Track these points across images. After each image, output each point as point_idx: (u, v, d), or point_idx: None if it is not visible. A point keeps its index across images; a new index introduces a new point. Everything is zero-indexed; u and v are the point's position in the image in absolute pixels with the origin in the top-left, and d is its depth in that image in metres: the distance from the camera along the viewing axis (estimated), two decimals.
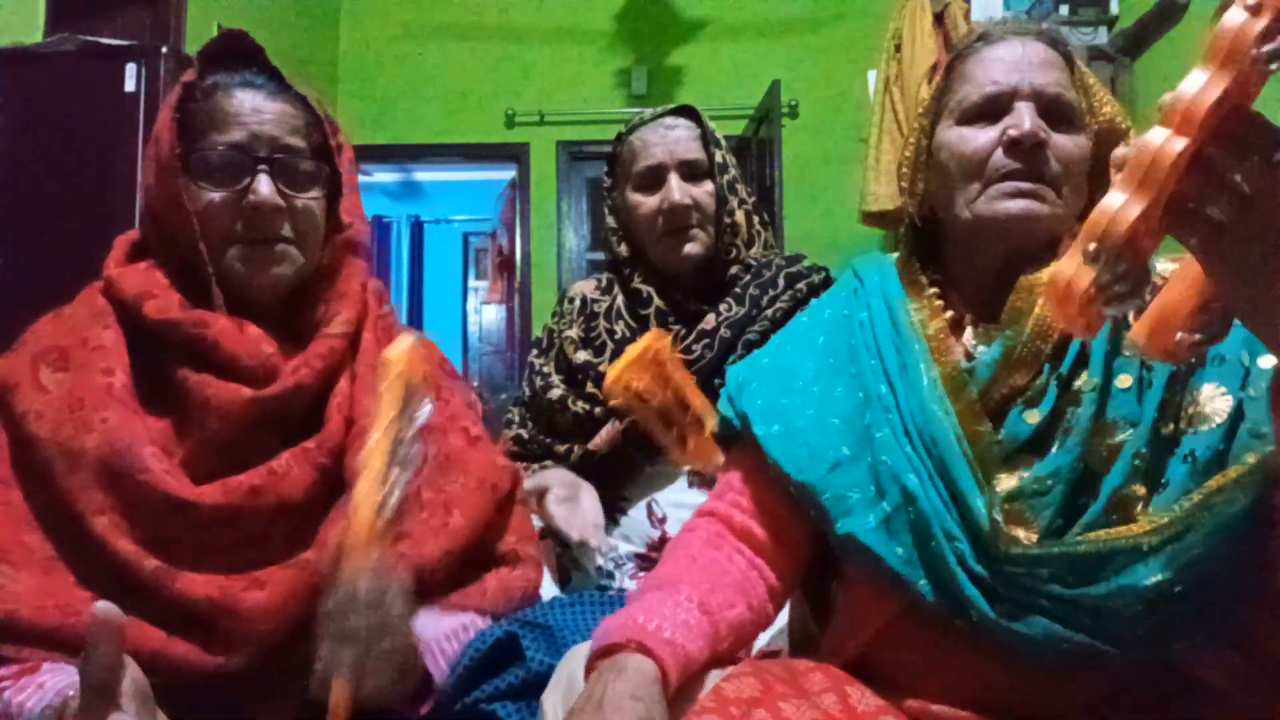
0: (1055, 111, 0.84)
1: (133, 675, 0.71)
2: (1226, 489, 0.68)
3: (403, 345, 0.81)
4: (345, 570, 0.75)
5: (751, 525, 0.90)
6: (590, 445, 1.34)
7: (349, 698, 0.74)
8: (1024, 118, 0.82)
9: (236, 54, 0.97)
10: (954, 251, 0.90)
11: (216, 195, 0.91)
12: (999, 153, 0.83)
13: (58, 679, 0.77)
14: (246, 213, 0.91)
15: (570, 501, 1.27)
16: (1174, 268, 0.61)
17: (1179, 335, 0.57)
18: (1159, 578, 0.68)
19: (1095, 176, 0.85)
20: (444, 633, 0.90)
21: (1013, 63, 0.85)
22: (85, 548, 0.83)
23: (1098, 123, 0.85)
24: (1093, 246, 0.52)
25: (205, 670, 0.82)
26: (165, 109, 0.93)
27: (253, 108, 0.93)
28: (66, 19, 2.76)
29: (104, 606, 0.67)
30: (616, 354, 1.37)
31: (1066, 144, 0.83)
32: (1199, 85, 0.50)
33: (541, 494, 1.26)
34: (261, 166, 0.91)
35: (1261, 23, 0.49)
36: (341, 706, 0.73)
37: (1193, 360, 0.75)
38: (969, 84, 0.87)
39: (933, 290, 0.89)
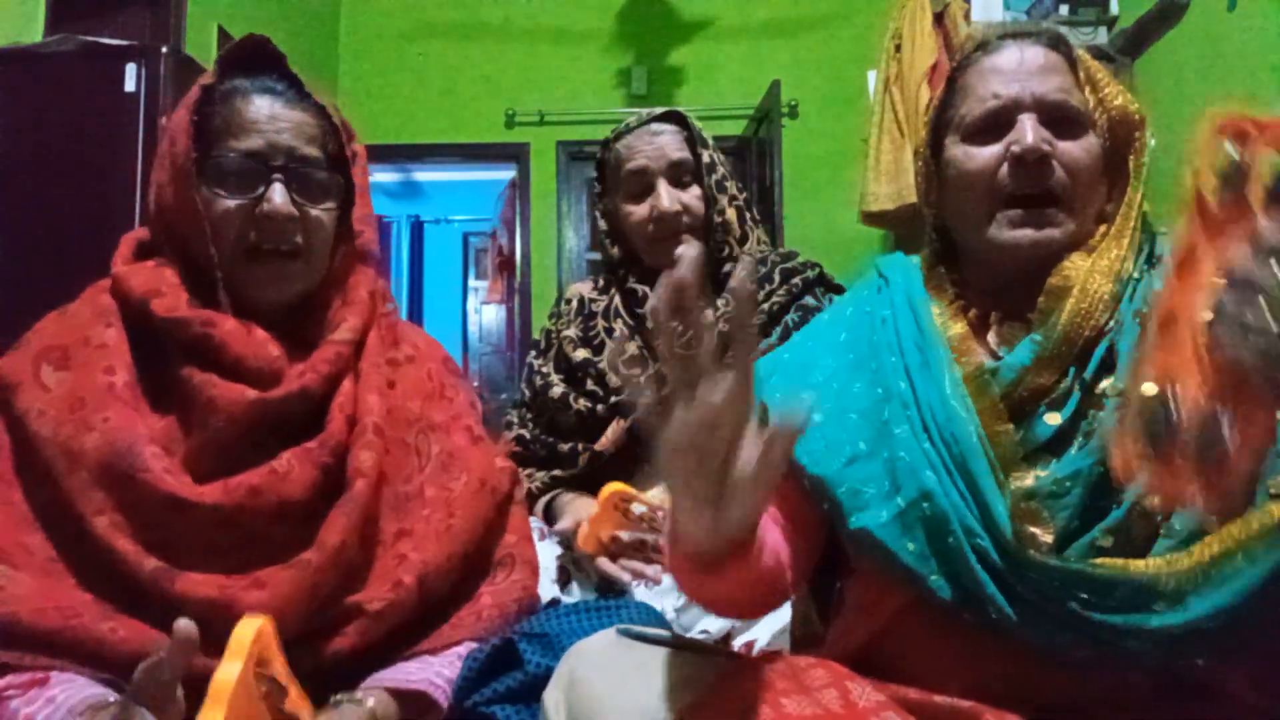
0: (1060, 118, 0.83)
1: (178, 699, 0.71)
2: (1253, 541, 0.67)
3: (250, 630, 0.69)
4: None
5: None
6: (597, 446, 1.34)
7: None
8: (1027, 132, 0.81)
9: (257, 59, 0.97)
10: (971, 258, 0.90)
11: (230, 202, 0.91)
12: (1004, 169, 0.82)
13: (69, 693, 0.76)
14: (259, 221, 0.91)
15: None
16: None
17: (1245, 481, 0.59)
18: (1172, 621, 0.68)
19: (1113, 170, 0.85)
20: (441, 664, 0.91)
21: (1012, 73, 0.84)
22: (85, 548, 0.83)
23: (1109, 115, 0.84)
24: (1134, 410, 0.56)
25: (206, 672, 0.82)
26: (183, 110, 0.92)
27: (270, 115, 0.92)
28: (66, 19, 2.76)
29: (185, 625, 0.66)
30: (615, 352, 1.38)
31: (1074, 150, 0.82)
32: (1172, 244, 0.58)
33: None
34: (276, 175, 0.91)
35: (1194, 176, 0.56)
36: None
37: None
38: (970, 98, 0.86)
39: (954, 291, 0.89)
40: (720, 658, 0.80)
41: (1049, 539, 0.74)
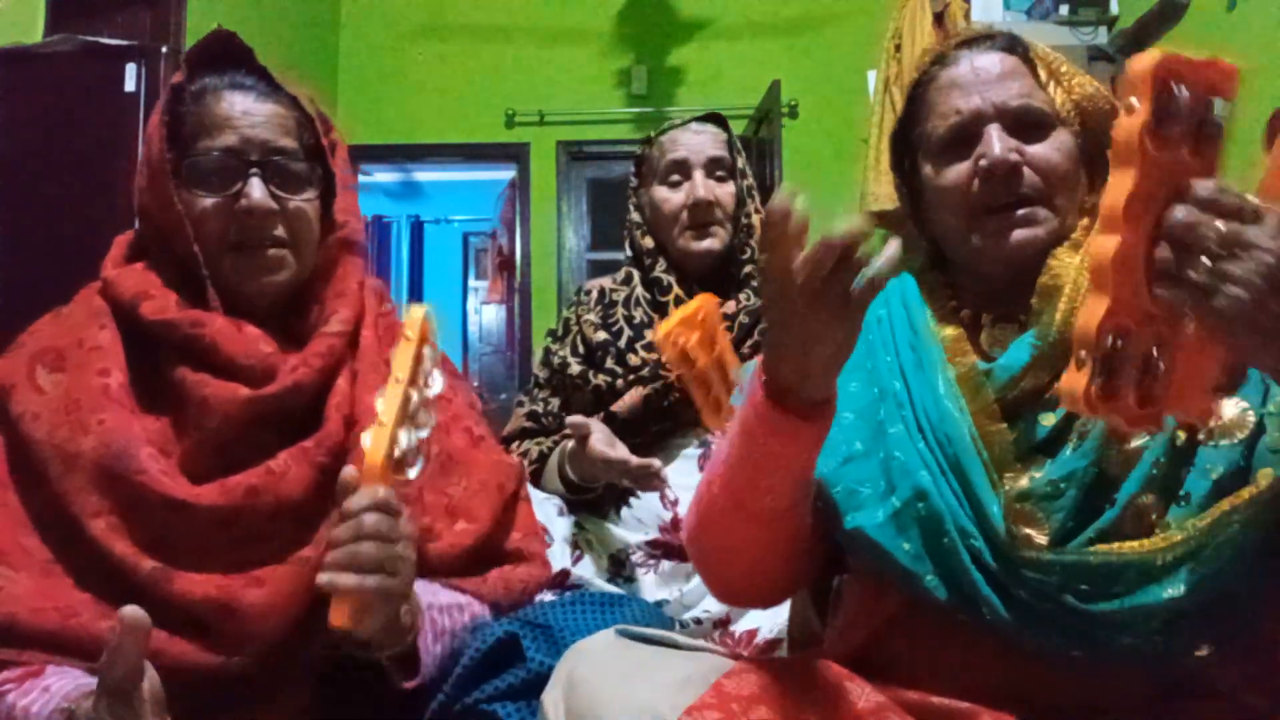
0: (1025, 122, 0.82)
1: (150, 681, 0.71)
2: (1241, 509, 0.68)
3: (421, 311, 0.80)
4: (356, 498, 0.74)
5: None
6: (613, 408, 1.37)
7: (348, 621, 0.72)
8: (993, 144, 0.81)
9: (225, 55, 0.97)
10: (960, 264, 0.90)
11: (209, 201, 0.91)
12: (977, 183, 0.82)
13: (63, 682, 0.77)
14: (239, 217, 0.91)
15: (613, 447, 1.28)
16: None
17: (1206, 397, 0.61)
18: (1172, 594, 0.68)
19: (1092, 161, 0.84)
20: (438, 605, 0.90)
21: (970, 84, 0.84)
22: (83, 550, 0.83)
23: (1079, 106, 0.84)
24: (1082, 353, 0.57)
25: (206, 670, 0.82)
26: (156, 112, 0.92)
27: (243, 110, 0.92)
28: (66, 19, 2.76)
29: (132, 611, 0.66)
30: (634, 338, 1.43)
31: (1044, 151, 0.82)
32: (1112, 187, 0.56)
33: (584, 437, 1.26)
34: (253, 170, 0.91)
35: (1140, 117, 0.55)
36: (340, 625, 0.72)
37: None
38: (933, 116, 0.86)
39: (946, 294, 0.89)
40: (721, 658, 0.80)
41: (1044, 540, 0.74)
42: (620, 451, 1.25)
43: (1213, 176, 0.57)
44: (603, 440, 1.26)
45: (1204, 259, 0.54)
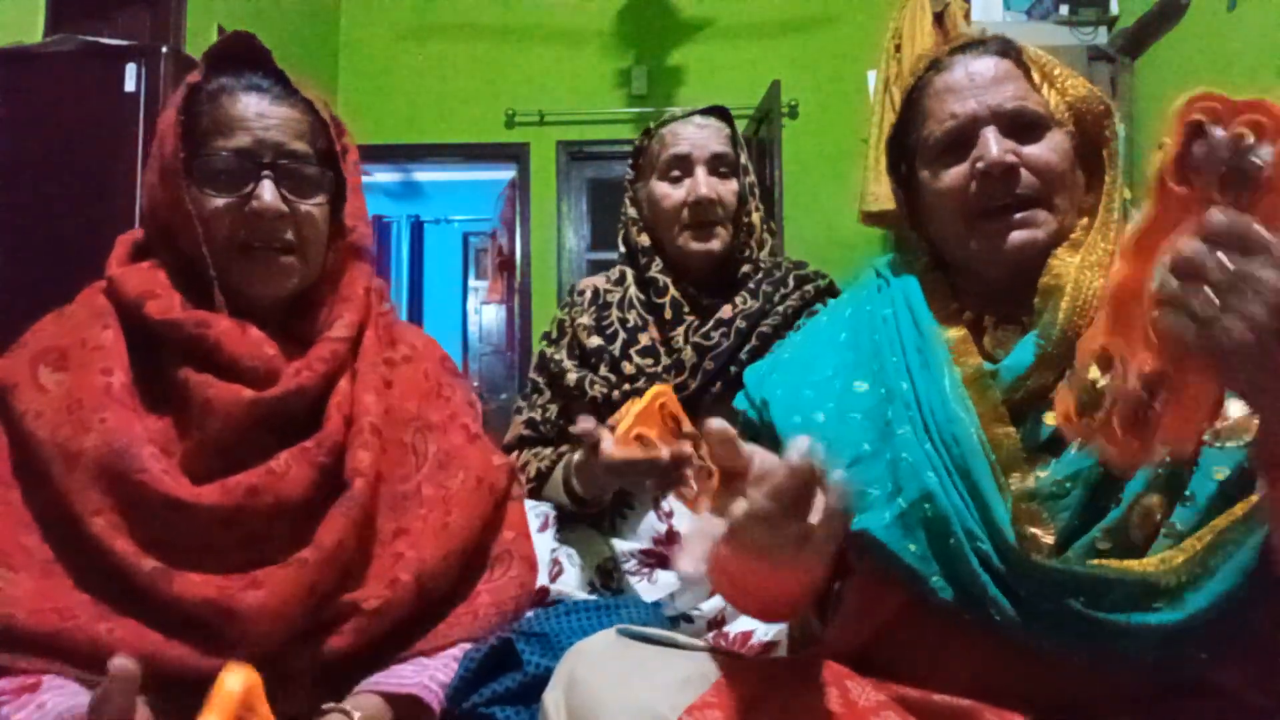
0: (1020, 124, 0.83)
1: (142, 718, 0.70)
2: (1236, 527, 0.68)
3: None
4: None
5: None
6: (610, 421, 1.33)
7: None
8: (990, 147, 0.81)
9: (243, 56, 0.97)
10: (960, 267, 0.90)
11: (220, 201, 0.91)
12: (974, 185, 0.82)
13: (59, 699, 0.77)
14: (249, 219, 0.91)
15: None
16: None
17: (1195, 434, 0.62)
18: (1173, 618, 0.68)
19: (1088, 161, 0.85)
20: (432, 673, 0.90)
21: (965, 89, 0.84)
22: (83, 549, 0.83)
23: (1072, 108, 0.84)
24: (1069, 372, 0.60)
25: (204, 672, 0.82)
26: (170, 109, 0.92)
27: (258, 112, 0.92)
28: (66, 19, 2.76)
29: (121, 663, 0.66)
30: (628, 342, 1.38)
31: (1040, 152, 0.82)
32: (1135, 221, 0.60)
33: (594, 444, 1.18)
34: (265, 173, 0.91)
35: (1164, 155, 0.57)
36: None
37: None
38: (929, 121, 0.86)
39: (949, 295, 0.89)
40: (720, 657, 0.80)
41: (1050, 540, 0.74)
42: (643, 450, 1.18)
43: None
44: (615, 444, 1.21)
45: (1207, 290, 0.53)
